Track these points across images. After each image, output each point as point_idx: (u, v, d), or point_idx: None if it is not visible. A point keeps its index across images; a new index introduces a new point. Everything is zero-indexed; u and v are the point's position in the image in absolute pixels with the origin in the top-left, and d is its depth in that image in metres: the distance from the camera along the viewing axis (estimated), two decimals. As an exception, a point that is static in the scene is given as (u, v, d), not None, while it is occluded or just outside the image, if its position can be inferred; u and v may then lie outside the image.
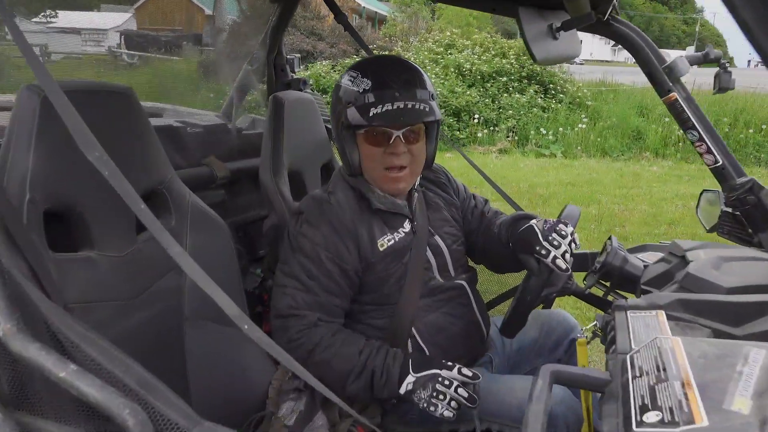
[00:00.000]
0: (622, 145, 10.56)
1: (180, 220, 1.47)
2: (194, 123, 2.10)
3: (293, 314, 1.49)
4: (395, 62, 1.59)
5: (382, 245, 1.57)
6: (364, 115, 1.45)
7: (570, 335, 1.84)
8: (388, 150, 1.50)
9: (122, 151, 1.27)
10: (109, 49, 2.17)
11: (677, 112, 1.78)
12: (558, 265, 1.43)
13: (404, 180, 1.56)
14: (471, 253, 1.83)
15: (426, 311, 1.61)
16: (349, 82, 1.52)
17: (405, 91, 1.47)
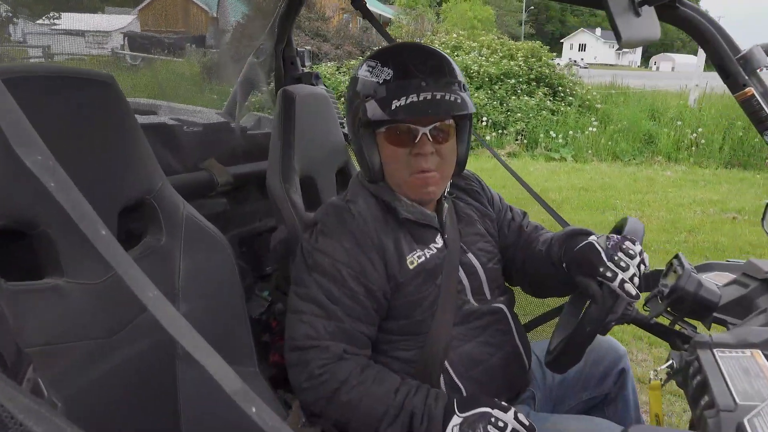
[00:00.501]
0: (633, 149, 10.36)
1: (172, 237, 1.23)
2: (192, 121, 1.84)
3: (313, 345, 1.26)
4: (420, 49, 1.37)
5: (412, 263, 1.36)
6: (386, 108, 1.26)
7: (619, 365, 1.65)
8: (414, 150, 1.30)
9: (98, 153, 1.03)
10: (112, 50, 2.03)
11: (753, 111, 1.53)
12: (627, 290, 1.20)
13: (433, 182, 1.34)
14: (507, 274, 1.62)
15: (460, 341, 1.39)
16: (367, 73, 1.32)
17: (432, 80, 1.27)
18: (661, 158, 10.04)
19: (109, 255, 0.60)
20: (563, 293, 1.63)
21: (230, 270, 1.34)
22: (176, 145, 1.69)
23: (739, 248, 5.28)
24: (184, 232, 1.25)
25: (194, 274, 1.25)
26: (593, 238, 1.31)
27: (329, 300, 1.28)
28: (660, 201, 7.15)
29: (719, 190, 7.86)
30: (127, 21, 2.07)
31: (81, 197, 0.60)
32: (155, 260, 1.20)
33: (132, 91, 1.95)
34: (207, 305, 1.28)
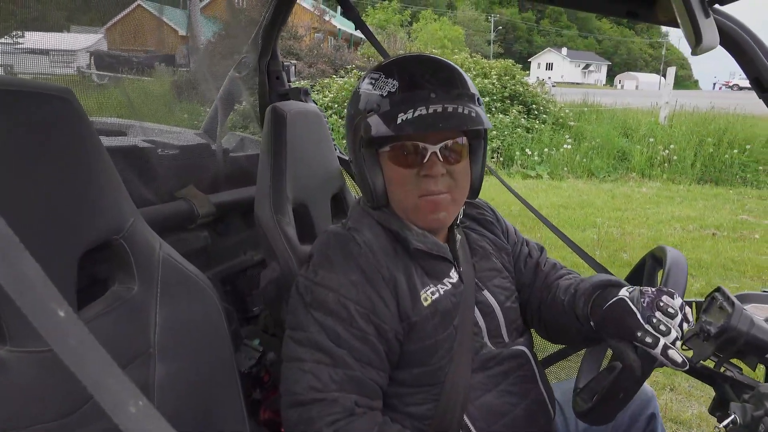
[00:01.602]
0: (608, 165, 10.44)
1: (146, 285, 1.01)
2: (167, 143, 1.61)
3: (318, 399, 1.06)
4: (428, 59, 1.21)
5: (426, 299, 1.17)
6: (390, 123, 1.10)
7: (648, 409, 1.50)
8: (423, 172, 1.14)
9: (53, 185, 0.81)
10: (78, 69, 1.86)
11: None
12: (672, 358, 1.01)
13: (444, 206, 1.18)
14: (521, 315, 1.42)
15: (480, 390, 1.21)
16: (369, 86, 1.17)
17: (443, 91, 1.12)
18: (636, 175, 10.13)
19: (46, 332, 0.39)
20: (585, 346, 1.46)
21: (216, 320, 1.12)
22: (149, 171, 1.46)
23: (722, 265, 5.25)
24: (161, 277, 1.03)
25: (174, 327, 1.04)
26: (624, 294, 1.11)
27: (334, 343, 1.09)
28: (639, 218, 7.13)
29: (696, 206, 7.90)
30: (94, 39, 1.87)
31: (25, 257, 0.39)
32: (125, 313, 0.98)
33: (99, 110, 1.73)
34: (190, 364, 1.06)
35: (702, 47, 0.83)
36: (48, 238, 0.82)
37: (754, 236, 6.22)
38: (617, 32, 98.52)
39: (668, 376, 3.21)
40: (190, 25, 2.09)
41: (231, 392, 1.14)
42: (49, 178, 0.82)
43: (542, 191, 8.78)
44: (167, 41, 2.05)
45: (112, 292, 1.00)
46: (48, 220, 0.82)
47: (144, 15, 1.96)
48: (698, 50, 0.83)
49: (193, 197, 1.53)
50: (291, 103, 1.57)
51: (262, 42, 1.90)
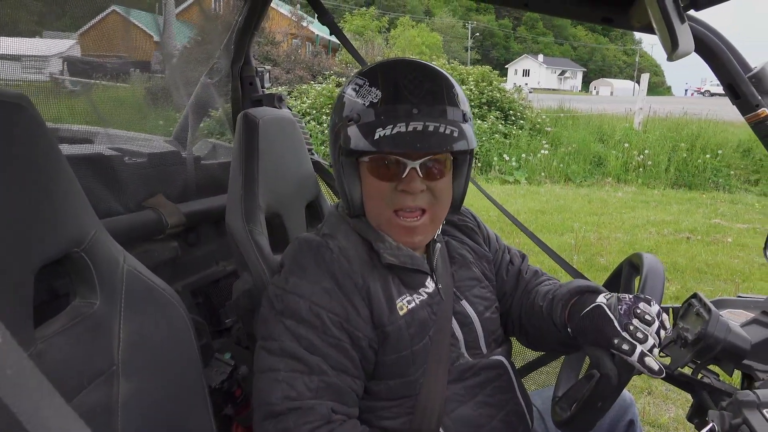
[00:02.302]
0: (584, 170, 10.58)
1: (109, 299, 0.96)
2: (134, 151, 1.56)
3: (294, 408, 1.02)
4: (417, 67, 1.14)
5: (402, 308, 1.14)
6: (368, 136, 1.06)
7: (627, 416, 1.48)
8: (400, 186, 1.11)
9: (6, 196, 0.76)
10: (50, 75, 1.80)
11: (767, 134, 1.39)
12: (648, 366, 0.99)
13: (420, 231, 1.15)
14: (502, 324, 1.40)
15: (456, 402, 1.18)
16: (353, 92, 1.13)
17: (426, 107, 1.08)
18: (611, 180, 10.27)
19: None
20: (565, 353, 1.45)
21: (184, 334, 1.08)
22: (115, 181, 1.41)
23: (696, 269, 5.33)
24: (125, 291, 0.99)
25: (139, 343, 0.99)
26: (602, 300, 1.09)
27: (308, 351, 1.05)
28: (616, 222, 7.21)
29: (670, 210, 8.03)
30: (67, 45, 1.82)
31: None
32: (87, 329, 0.93)
33: (69, 117, 1.67)
34: (156, 382, 1.02)
35: (678, 53, 0.82)
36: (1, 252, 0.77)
37: (727, 240, 6.32)
38: (592, 39, 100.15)
39: (646, 380, 3.22)
40: (165, 30, 2.05)
41: (199, 409, 1.10)
42: (1, 188, 0.77)
43: (520, 196, 8.84)
44: (142, 47, 2.00)
45: (73, 307, 0.95)
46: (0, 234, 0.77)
47: (118, 20, 1.90)
48: (674, 56, 0.82)
49: (162, 207, 1.48)
50: (264, 109, 1.54)
51: (235, 47, 1.86)
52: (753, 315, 1.46)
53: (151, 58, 2.06)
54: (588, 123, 12.32)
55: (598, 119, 12.72)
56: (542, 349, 1.55)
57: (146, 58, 2.05)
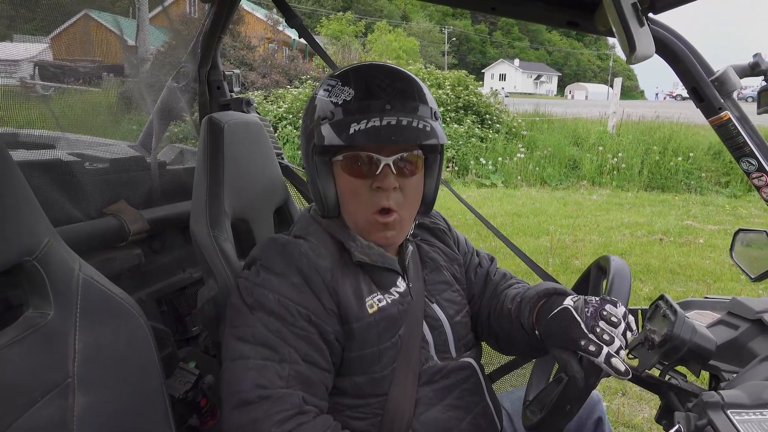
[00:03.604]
0: (559, 174, 10.69)
1: (63, 309, 0.93)
2: (95, 156, 1.52)
3: (265, 397, 1.00)
4: (387, 69, 1.18)
5: (372, 306, 1.15)
6: (342, 133, 1.08)
7: (595, 413, 1.49)
8: (375, 183, 1.12)
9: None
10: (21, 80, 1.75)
11: (730, 136, 1.41)
12: (615, 367, 1.00)
13: (393, 227, 1.17)
14: (472, 327, 1.40)
15: (425, 405, 1.18)
16: (325, 93, 1.15)
17: (399, 103, 1.11)
18: (586, 182, 10.39)
19: None
20: (534, 356, 1.45)
21: (143, 345, 1.05)
22: (74, 187, 1.36)
23: (669, 270, 5.40)
24: (80, 300, 0.95)
25: (95, 354, 0.96)
26: (569, 303, 1.10)
27: (280, 339, 1.05)
28: (590, 225, 7.29)
29: (644, 212, 8.15)
30: (39, 49, 1.77)
31: None
32: (39, 341, 0.90)
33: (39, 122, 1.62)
34: (114, 395, 0.99)
35: (636, 56, 0.82)
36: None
37: (699, 241, 6.43)
38: (567, 44, 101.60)
39: (620, 381, 3.25)
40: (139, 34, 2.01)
41: (160, 422, 1.07)
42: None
43: (497, 200, 8.90)
44: (114, 51, 1.96)
45: (25, 318, 0.92)
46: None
47: (90, 24, 1.86)
48: (633, 59, 0.82)
49: (124, 213, 1.44)
50: (230, 113, 1.51)
51: (202, 51, 1.83)
52: (719, 316, 1.48)
53: (124, 62, 2.02)
54: (563, 127, 12.46)
55: (573, 123, 12.87)
56: (511, 353, 1.54)
57: (119, 62, 2.02)
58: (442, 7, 14.34)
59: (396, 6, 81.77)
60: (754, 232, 1.62)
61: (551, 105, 15.56)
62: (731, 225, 7.22)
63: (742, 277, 5.09)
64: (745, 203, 8.88)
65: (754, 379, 1.18)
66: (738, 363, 1.34)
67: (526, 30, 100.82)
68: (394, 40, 39.59)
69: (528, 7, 1.42)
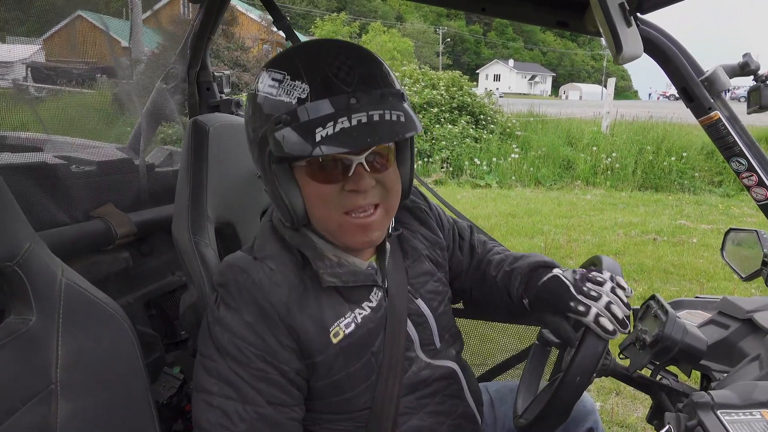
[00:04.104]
0: (554, 174, 10.70)
1: (46, 315, 0.92)
2: (82, 159, 1.50)
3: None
4: (339, 50, 0.99)
5: (337, 334, 1.06)
6: (307, 138, 0.92)
7: (587, 422, 1.47)
8: (348, 186, 1.00)
9: None
10: (13, 82, 1.74)
11: (720, 136, 1.41)
12: (603, 326, 1.02)
13: (376, 226, 1.05)
14: (458, 298, 1.43)
15: (407, 415, 1.16)
16: (272, 89, 0.98)
17: (364, 93, 0.95)
18: (580, 182, 10.40)
19: None
20: (510, 322, 1.45)
21: (128, 350, 1.03)
22: (60, 190, 1.35)
23: (663, 269, 5.41)
24: (63, 306, 0.94)
25: (79, 360, 0.95)
26: (557, 272, 1.15)
27: (242, 379, 1.00)
28: (584, 225, 7.30)
29: (637, 212, 8.16)
30: (32, 51, 1.75)
31: None
32: (21, 348, 0.89)
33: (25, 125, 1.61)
34: (98, 401, 0.97)
35: (623, 56, 0.81)
36: None
37: (692, 240, 6.45)
38: (561, 45, 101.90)
39: (614, 381, 3.25)
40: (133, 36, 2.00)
41: (145, 427, 1.06)
42: None
43: (491, 200, 8.90)
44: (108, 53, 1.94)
45: (6, 324, 0.91)
46: None
47: (83, 26, 1.85)
48: (620, 59, 0.82)
49: (111, 216, 1.43)
50: (216, 115, 1.49)
51: (191, 52, 1.82)
52: (710, 315, 1.48)
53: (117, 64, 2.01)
54: (557, 127, 12.48)
55: (567, 123, 12.89)
56: (485, 316, 1.54)
57: (112, 63, 2.00)
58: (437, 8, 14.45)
59: (390, 7, 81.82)
60: (745, 232, 1.62)
61: (545, 105, 15.58)
62: (724, 224, 7.25)
63: (735, 276, 5.10)
64: (738, 203, 8.91)
65: (744, 378, 1.18)
66: (728, 363, 1.34)
67: (521, 30, 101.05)
68: (388, 40, 39.63)
69: (518, 8, 1.41)
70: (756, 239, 1.55)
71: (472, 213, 7.68)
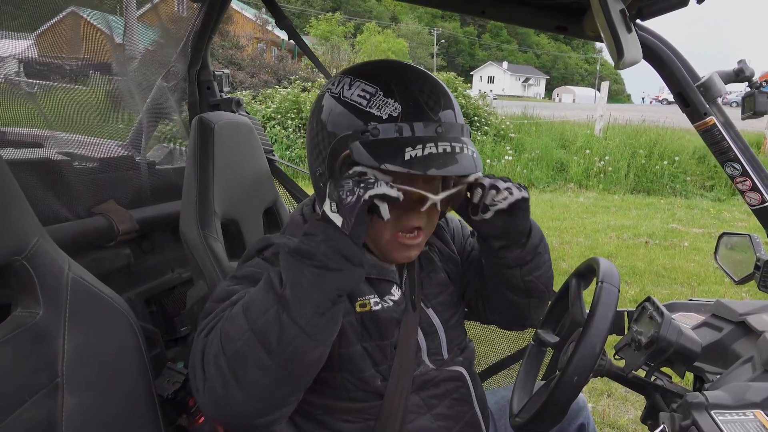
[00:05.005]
0: (547, 176, 10.75)
1: (52, 309, 0.93)
2: (85, 155, 1.51)
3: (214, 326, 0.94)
4: (427, 79, 1.05)
5: (364, 306, 1.11)
6: (396, 155, 0.95)
7: (578, 419, 1.48)
8: (412, 221, 1.07)
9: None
10: (5, 77, 1.73)
11: (715, 141, 1.44)
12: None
13: (417, 248, 1.13)
14: (475, 315, 1.41)
15: (414, 414, 1.17)
16: (362, 100, 1.00)
17: (448, 125, 1.00)
18: (573, 185, 10.46)
19: None
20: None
21: (133, 345, 1.05)
22: (63, 186, 1.36)
23: (654, 272, 5.46)
24: (70, 300, 0.95)
25: (84, 354, 0.96)
26: None
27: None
28: (577, 227, 7.34)
29: (629, 215, 8.22)
30: (24, 46, 1.75)
31: None
32: (28, 341, 0.90)
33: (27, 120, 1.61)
34: (103, 395, 0.99)
35: (624, 62, 0.83)
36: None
37: (684, 244, 6.51)
38: (555, 47, 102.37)
39: (606, 382, 3.28)
40: (127, 32, 2.00)
41: (150, 422, 1.07)
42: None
43: (485, 202, 8.92)
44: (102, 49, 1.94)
45: (14, 317, 0.92)
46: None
47: (78, 21, 1.85)
48: (621, 64, 0.84)
49: (113, 213, 1.44)
50: (219, 114, 1.51)
51: (192, 51, 1.83)
52: (704, 318, 1.51)
53: (112, 60, 2.01)
54: (551, 129, 12.54)
55: (561, 126, 12.96)
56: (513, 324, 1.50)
57: (106, 60, 2.00)
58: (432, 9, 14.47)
59: (385, 7, 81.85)
60: (738, 236, 1.64)
61: (539, 108, 15.65)
62: (716, 228, 7.31)
63: (726, 280, 5.16)
64: (729, 207, 8.99)
65: (737, 380, 1.21)
66: (722, 364, 1.37)
67: (515, 33, 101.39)
68: (383, 41, 39.65)
69: (517, 12, 1.44)
70: (749, 243, 1.58)
71: (465, 214, 7.70)
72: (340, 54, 18.21)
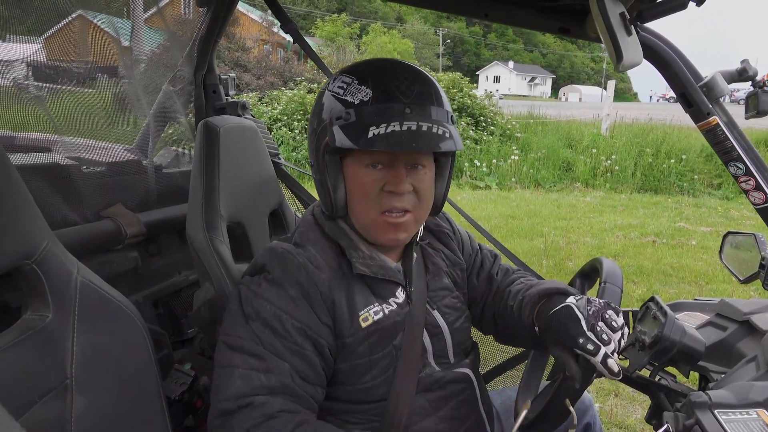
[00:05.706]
0: (553, 176, 10.72)
1: (62, 312, 0.95)
2: (93, 160, 1.53)
3: (244, 405, 1.00)
4: (404, 68, 1.15)
5: (366, 319, 1.14)
6: (360, 136, 1.06)
7: (584, 418, 1.49)
8: (387, 187, 1.12)
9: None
10: (14, 81, 1.75)
11: (718, 141, 1.44)
12: (610, 368, 1.01)
13: (404, 228, 1.16)
14: (477, 324, 1.43)
15: (420, 415, 1.18)
16: (340, 90, 1.12)
17: (418, 107, 1.09)
18: (580, 185, 10.42)
19: None
20: (537, 348, 1.46)
21: (141, 347, 1.06)
22: (72, 190, 1.38)
23: (662, 271, 5.43)
24: (78, 303, 0.97)
25: (93, 356, 0.97)
26: (571, 301, 1.10)
27: (270, 353, 1.05)
28: (584, 227, 7.31)
29: (636, 214, 8.18)
30: (32, 50, 1.77)
31: None
32: (38, 343, 0.92)
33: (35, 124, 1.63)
34: (111, 396, 1.00)
35: (623, 64, 0.84)
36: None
37: (691, 243, 6.47)
38: (561, 47, 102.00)
39: (613, 382, 3.28)
40: (134, 35, 2.01)
41: (157, 423, 1.08)
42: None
43: (491, 202, 8.92)
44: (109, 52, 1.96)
45: (24, 320, 0.94)
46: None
47: (85, 25, 1.87)
48: (620, 67, 0.84)
49: (121, 216, 1.46)
50: (225, 117, 1.53)
51: (198, 55, 1.84)
52: (708, 317, 1.51)
53: (119, 63, 2.03)
54: (557, 129, 12.50)
55: (567, 125, 12.92)
56: (513, 344, 1.55)
57: (114, 63, 2.02)
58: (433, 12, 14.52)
59: (391, 8, 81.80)
60: (743, 235, 1.64)
61: (545, 107, 15.61)
62: (723, 227, 7.26)
63: (733, 278, 5.12)
64: (737, 205, 8.93)
65: (741, 379, 1.21)
66: (726, 364, 1.37)
67: (520, 32, 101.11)
68: (388, 42, 39.70)
69: (520, 14, 1.44)
70: (754, 242, 1.57)
71: (471, 214, 7.62)
72: (345, 55, 18.25)
